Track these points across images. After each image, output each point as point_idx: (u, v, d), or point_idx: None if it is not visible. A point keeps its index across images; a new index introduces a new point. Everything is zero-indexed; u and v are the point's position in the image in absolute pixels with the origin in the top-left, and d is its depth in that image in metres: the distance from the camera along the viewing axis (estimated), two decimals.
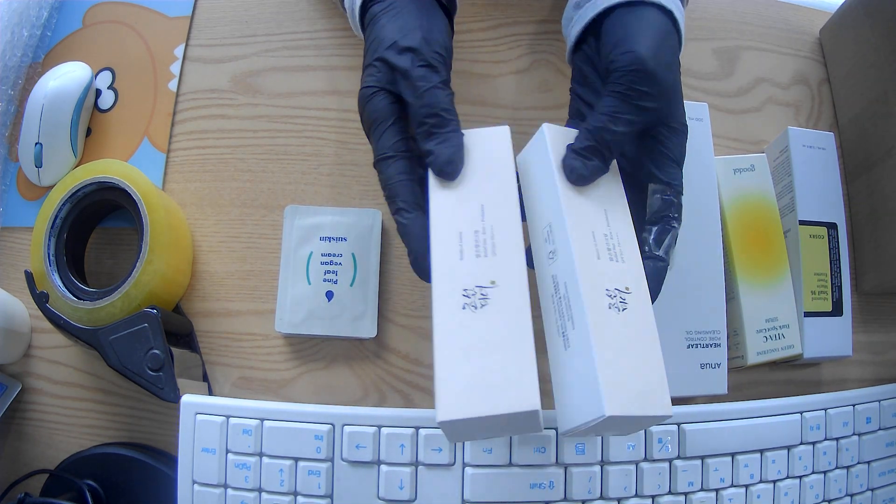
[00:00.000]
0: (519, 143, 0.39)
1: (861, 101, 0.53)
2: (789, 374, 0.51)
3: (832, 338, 0.48)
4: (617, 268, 0.35)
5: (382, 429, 0.42)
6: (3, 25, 0.52)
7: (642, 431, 0.43)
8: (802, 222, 0.49)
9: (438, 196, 0.37)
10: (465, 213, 0.36)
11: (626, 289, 0.35)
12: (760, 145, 0.54)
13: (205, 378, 0.49)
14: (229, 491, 0.42)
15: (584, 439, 0.42)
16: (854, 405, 0.46)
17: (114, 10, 0.56)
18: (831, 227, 0.49)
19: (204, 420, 0.43)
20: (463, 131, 0.38)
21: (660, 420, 0.33)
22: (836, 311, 0.48)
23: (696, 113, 0.49)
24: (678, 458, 0.43)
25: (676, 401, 0.44)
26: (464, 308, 0.33)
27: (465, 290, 0.34)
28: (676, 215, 0.38)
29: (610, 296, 0.34)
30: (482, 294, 0.34)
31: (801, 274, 0.48)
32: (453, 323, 0.33)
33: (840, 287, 0.49)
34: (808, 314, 0.48)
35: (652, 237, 0.38)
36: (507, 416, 0.31)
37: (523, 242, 0.35)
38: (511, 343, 0.32)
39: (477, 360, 0.32)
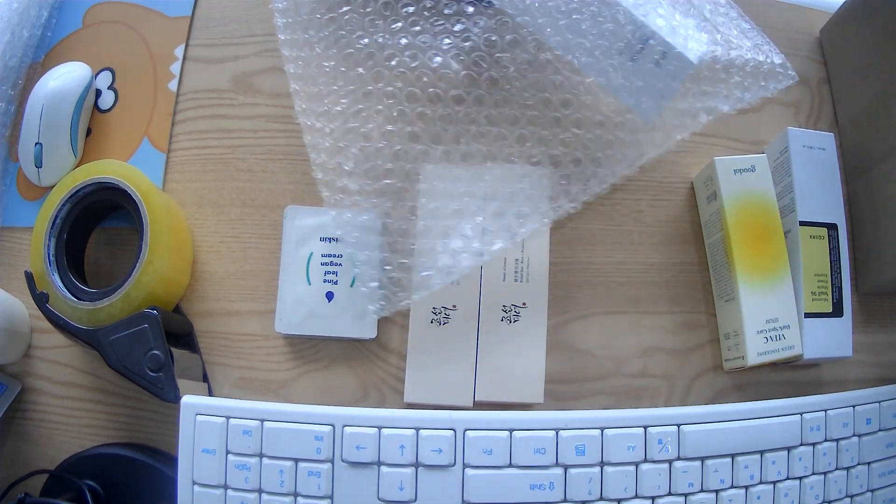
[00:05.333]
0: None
1: (861, 101, 0.53)
2: (789, 375, 0.51)
3: (832, 338, 0.48)
4: (518, 287, 0.46)
5: (382, 430, 0.42)
6: (4, 26, 0.52)
7: (642, 433, 0.43)
8: (803, 223, 0.49)
9: (430, 220, 0.46)
10: (447, 242, 0.45)
11: (524, 304, 0.46)
12: (760, 145, 0.54)
13: (205, 378, 0.49)
14: (229, 492, 0.42)
15: (583, 442, 0.42)
16: (854, 406, 0.46)
17: (114, 10, 0.56)
18: (831, 227, 0.49)
19: (204, 421, 0.43)
20: (430, 166, 0.46)
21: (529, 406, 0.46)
22: (837, 311, 0.48)
23: None
24: (678, 458, 0.43)
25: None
26: (431, 322, 0.46)
27: (433, 308, 0.46)
28: None
29: (505, 310, 0.46)
30: (445, 314, 0.46)
31: (802, 274, 0.48)
32: (422, 332, 0.46)
33: (840, 288, 0.49)
34: (808, 315, 0.48)
35: None
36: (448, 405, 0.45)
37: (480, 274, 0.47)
38: (460, 355, 0.46)
39: (435, 362, 0.45)
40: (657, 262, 0.51)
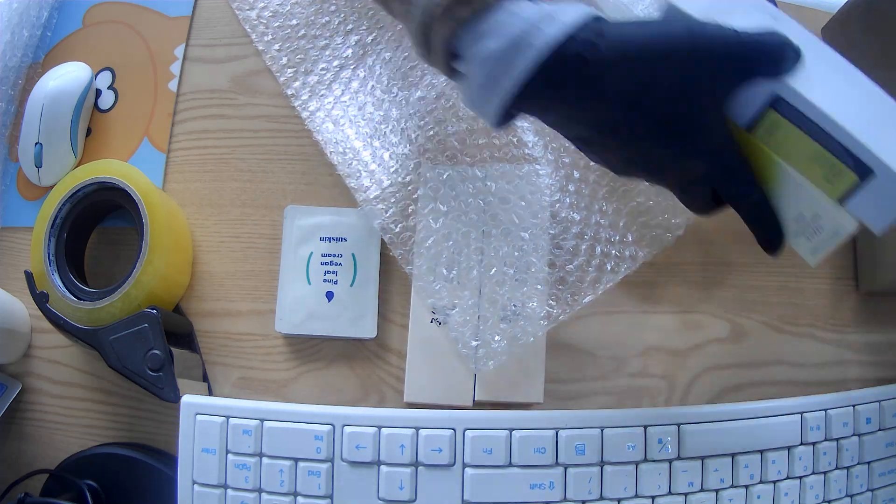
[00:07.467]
0: None
1: None
2: (790, 375, 0.51)
3: (888, 198, 0.34)
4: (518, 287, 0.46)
5: (382, 429, 0.42)
6: (4, 26, 0.52)
7: (642, 432, 0.43)
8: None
9: (430, 219, 0.47)
10: (447, 242, 0.47)
11: (523, 304, 0.46)
12: None
13: (205, 378, 0.49)
14: (229, 491, 0.42)
15: (583, 442, 0.42)
16: (854, 406, 0.46)
17: (114, 10, 0.56)
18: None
19: (204, 420, 0.43)
20: (456, 169, 0.48)
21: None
22: (863, 171, 0.34)
23: None
24: (678, 458, 0.43)
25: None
26: (431, 322, 0.46)
27: (433, 308, 0.46)
28: None
29: (504, 310, 0.46)
30: (445, 313, 0.46)
31: (794, 175, 0.36)
32: (422, 332, 0.46)
33: (849, 150, 0.34)
34: (842, 199, 0.35)
35: None
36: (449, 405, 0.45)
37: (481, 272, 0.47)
38: (460, 355, 0.45)
39: (435, 362, 0.46)
40: (657, 262, 0.51)
